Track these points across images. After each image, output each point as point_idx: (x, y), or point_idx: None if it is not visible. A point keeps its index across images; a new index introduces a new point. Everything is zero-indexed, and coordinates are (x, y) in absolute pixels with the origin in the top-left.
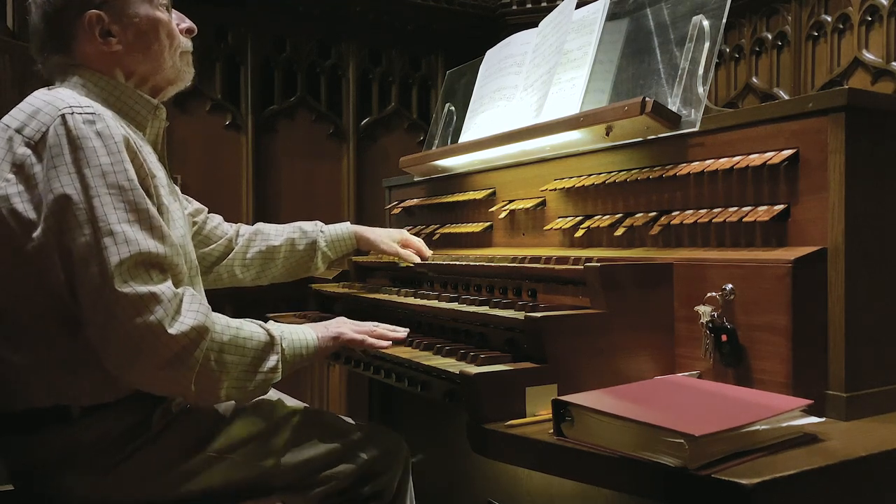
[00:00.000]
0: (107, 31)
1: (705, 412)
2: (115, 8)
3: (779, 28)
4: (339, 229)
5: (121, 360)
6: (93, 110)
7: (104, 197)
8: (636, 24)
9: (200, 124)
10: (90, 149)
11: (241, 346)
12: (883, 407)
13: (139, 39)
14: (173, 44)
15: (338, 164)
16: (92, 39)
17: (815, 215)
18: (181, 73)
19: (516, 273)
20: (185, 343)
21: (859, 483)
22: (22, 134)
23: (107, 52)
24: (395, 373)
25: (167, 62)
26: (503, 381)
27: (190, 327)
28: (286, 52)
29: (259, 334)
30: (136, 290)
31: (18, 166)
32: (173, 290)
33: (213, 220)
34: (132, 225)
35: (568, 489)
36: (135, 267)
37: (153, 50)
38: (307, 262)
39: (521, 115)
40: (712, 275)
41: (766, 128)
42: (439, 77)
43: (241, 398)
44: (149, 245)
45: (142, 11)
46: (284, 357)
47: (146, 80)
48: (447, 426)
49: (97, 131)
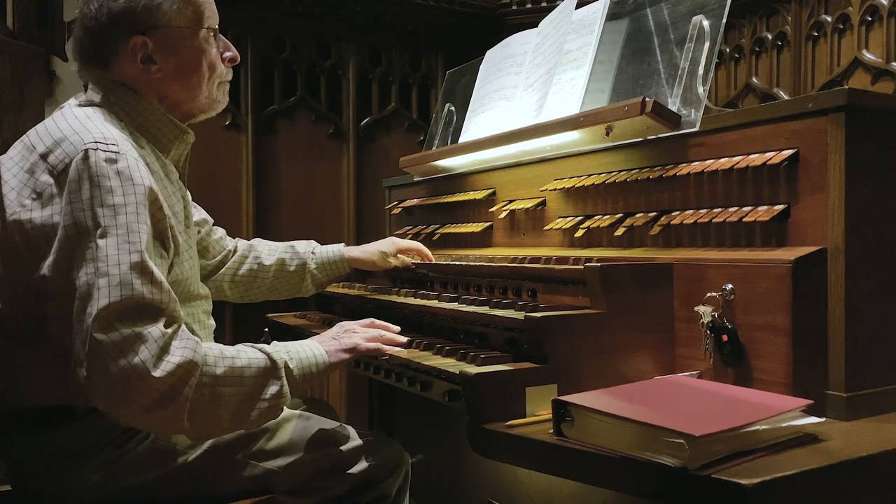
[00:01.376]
0: (149, 56)
1: (705, 412)
2: (162, 36)
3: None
4: (330, 252)
5: (107, 403)
6: (117, 149)
7: (110, 238)
8: (636, 24)
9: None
10: (106, 188)
11: (238, 377)
12: (883, 407)
13: (180, 70)
14: (213, 75)
15: (338, 164)
16: (133, 62)
17: (815, 215)
18: (215, 102)
19: (516, 273)
20: (171, 382)
21: (859, 483)
22: (47, 161)
23: (145, 77)
24: (395, 373)
25: (203, 93)
26: (503, 381)
27: (176, 365)
28: (286, 52)
29: (258, 361)
30: (121, 333)
31: (39, 193)
32: (161, 331)
33: (216, 233)
34: (132, 269)
35: (568, 489)
36: (125, 310)
37: (192, 81)
38: (297, 284)
39: (521, 115)
40: (712, 275)
41: (766, 128)
42: (439, 77)
43: (248, 427)
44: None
45: (188, 43)
46: (293, 379)
47: (179, 105)
48: (447, 426)
49: (117, 171)
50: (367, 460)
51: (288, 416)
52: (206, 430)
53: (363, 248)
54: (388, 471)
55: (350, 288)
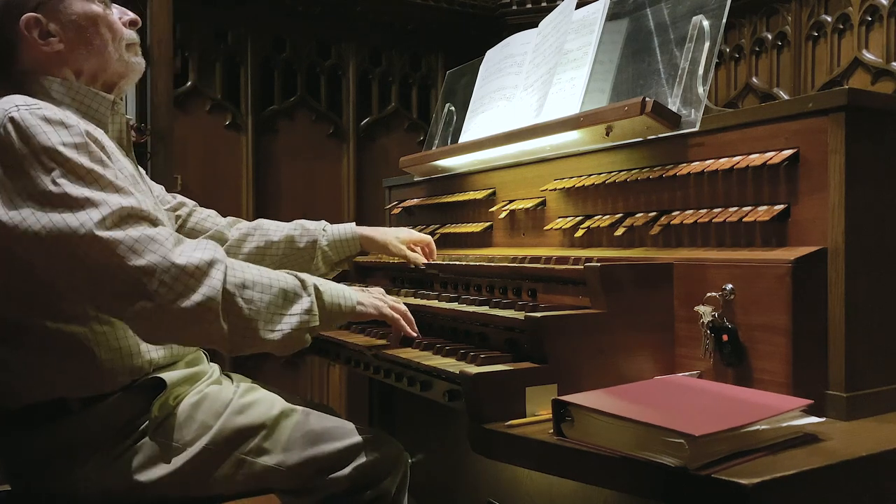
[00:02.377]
0: (46, 31)
1: (705, 412)
2: (50, 8)
3: (779, 28)
4: (342, 230)
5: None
6: (39, 104)
7: (69, 175)
8: (636, 24)
9: (200, 124)
10: (41, 134)
11: (265, 284)
12: (883, 407)
13: (80, 35)
14: (116, 36)
15: (338, 164)
16: (33, 43)
17: (815, 215)
18: (130, 64)
19: (516, 273)
20: (195, 273)
21: (859, 483)
22: None
23: (50, 53)
24: (395, 372)
25: (113, 55)
26: (503, 381)
27: (199, 259)
28: (286, 52)
29: (285, 276)
30: (128, 234)
31: None
32: (168, 231)
33: (200, 213)
34: (105, 189)
35: (568, 489)
36: (119, 220)
37: (95, 45)
38: (307, 262)
39: (521, 115)
40: (712, 275)
41: (766, 128)
42: (439, 77)
43: (280, 343)
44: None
45: (78, 8)
46: (322, 302)
47: (96, 76)
48: (447, 426)
49: (44, 116)
50: (366, 457)
51: (288, 412)
52: (240, 337)
53: (377, 229)
54: (387, 468)
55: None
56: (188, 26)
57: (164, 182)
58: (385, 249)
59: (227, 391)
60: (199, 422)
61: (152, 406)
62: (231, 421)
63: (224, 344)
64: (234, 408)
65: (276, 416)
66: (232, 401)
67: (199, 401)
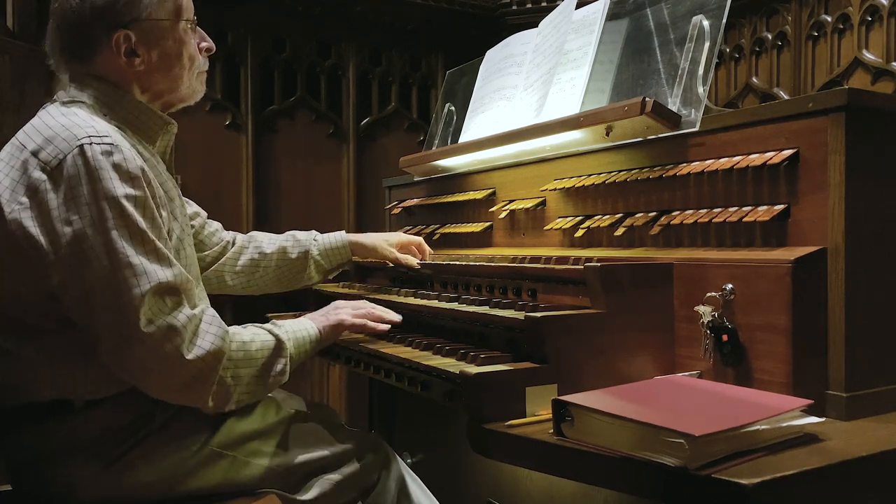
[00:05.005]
0: (132, 50)
1: (705, 412)
2: (143, 28)
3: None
4: (332, 238)
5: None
6: (111, 140)
7: (121, 230)
8: (636, 24)
9: (200, 124)
10: (108, 180)
11: (252, 359)
12: (883, 407)
13: (163, 62)
14: (193, 66)
15: (338, 164)
16: (116, 56)
17: (815, 215)
18: (195, 92)
19: (516, 273)
20: (201, 367)
21: (859, 483)
22: (38, 158)
23: (127, 70)
24: (395, 373)
25: (185, 83)
26: (503, 381)
27: (206, 352)
28: (286, 52)
29: (268, 343)
30: (157, 326)
31: (33, 190)
32: (188, 316)
33: (210, 226)
34: (148, 256)
35: (568, 489)
36: (152, 297)
37: (174, 72)
38: (300, 272)
39: (521, 115)
40: (712, 275)
41: (766, 128)
42: (439, 77)
43: (251, 401)
44: (164, 275)
45: (169, 35)
46: (291, 358)
47: (161, 96)
48: (447, 426)
49: (114, 163)
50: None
51: (286, 416)
52: (219, 406)
53: (367, 235)
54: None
55: (350, 287)
56: None
57: None
58: (375, 254)
59: None
60: (201, 423)
61: (156, 406)
62: (233, 424)
63: (204, 410)
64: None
65: (275, 420)
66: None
67: None
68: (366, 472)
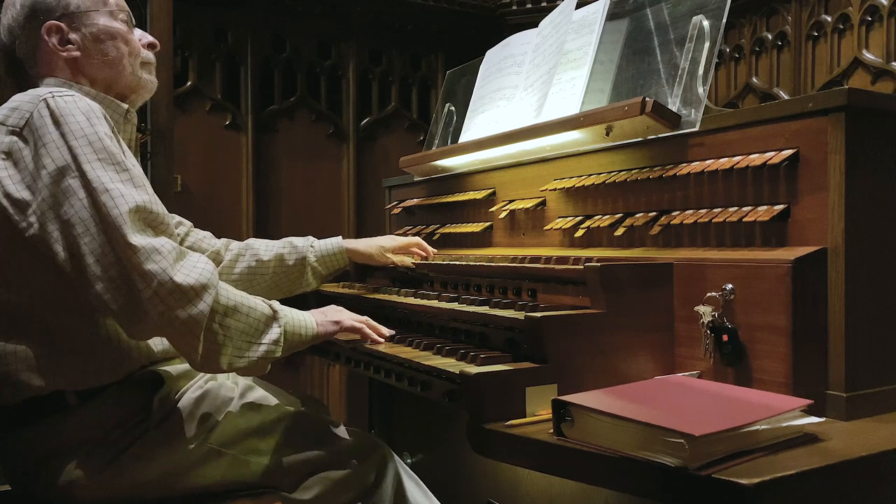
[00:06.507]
0: (66, 39)
1: (705, 412)
2: (73, 18)
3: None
4: (329, 244)
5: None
6: (72, 93)
7: (94, 162)
8: (636, 24)
9: (200, 124)
10: (74, 122)
11: (244, 313)
12: (883, 407)
13: (97, 46)
14: (132, 52)
15: (338, 164)
16: (52, 48)
17: (815, 215)
18: (142, 80)
19: (516, 273)
20: (189, 293)
21: (859, 483)
22: (6, 125)
23: (67, 59)
24: (395, 373)
25: (126, 69)
26: (503, 381)
27: (195, 280)
28: (286, 52)
29: (263, 306)
30: (142, 245)
31: (6, 153)
32: (171, 243)
33: (196, 234)
34: (124, 184)
35: (568, 489)
36: (133, 216)
37: (111, 56)
38: (297, 278)
39: (521, 115)
40: (712, 275)
41: (766, 128)
42: (439, 77)
43: (243, 369)
44: (142, 198)
45: (100, 21)
46: (285, 335)
47: (110, 87)
48: (447, 426)
49: (78, 107)
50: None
51: (284, 414)
52: (209, 359)
53: (362, 240)
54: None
55: (350, 288)
56: (188, 26)
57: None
58: (371, 259)
59: (227, 388)
60: (200, 419)
61: (153, 401)
62: (231, 422)
63: (194, 360)
64: (235, 409)
65: (274, 418)
66: (233, 400)
67: (201, 397)
68: (364, 472)
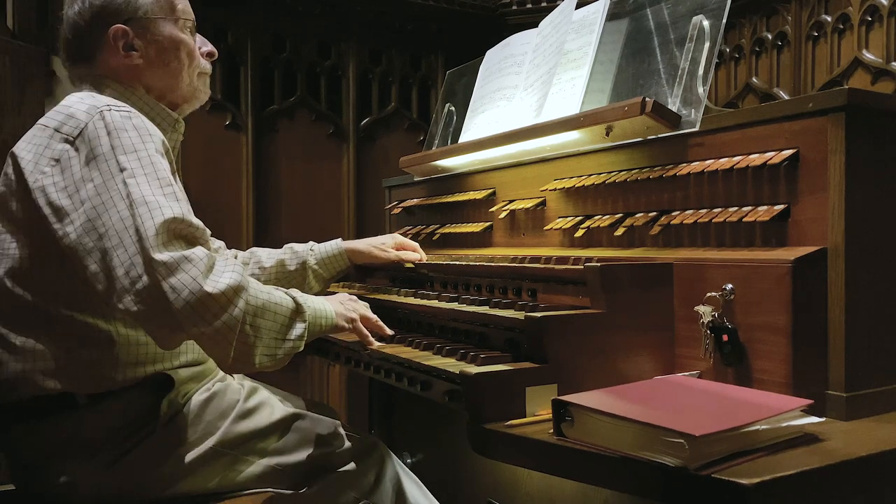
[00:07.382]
0: (130, 45)
1: (705, 412)
2: (140, 25)
3: (779, 28)
4: (329, 247)
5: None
6: (128, 109)
7: (140, 177)
8: (636, 25)
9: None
10: (126, 138)
11: (273, 312)
12: (883, 407)
13: (160, 56)
14: (192, 63)
15: (338, 164)
16: (115, 52)
17: (815, 215)
18: (197, 91)
19: (516, 273)
20: (222, 301)
21: (859, 483)
22: (60, 132)
23: (129, 66)
24: (395, 373)
25: (185, 80)
26: (503, 381)
27: (227, 286)
28: (286, 52)
29: (287, 301)
30: (172, 256)
31: (56, 160)
32: (204, 252)
33: (214, 243)
34: (166, 197)
35: (568, 489)
36: (166, 229)
37: (172, 67)
38: (299, 283)
39: (521, 115)
40: (712, 275)
41: (766, 128)
42: (439, 77)
43: (271, 366)
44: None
45: (166, 31)
46: (308, 327)
47: (164, 95)
48: (447, 426)
49: (133, 125)
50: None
51: (288, 417)
52: (241, 361)
53: (362, 240)
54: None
55: (350, 288)
56: None
57: None
58: (372, 258)
59: (234, 391)
60: (207, 422)
61: (161, 403)
62: (236, 425)
63: (225, 363)
64: (240, 412)
65: (278, 420)
66: (238, 403)
67: (208, 399)
68: (364, 472)
